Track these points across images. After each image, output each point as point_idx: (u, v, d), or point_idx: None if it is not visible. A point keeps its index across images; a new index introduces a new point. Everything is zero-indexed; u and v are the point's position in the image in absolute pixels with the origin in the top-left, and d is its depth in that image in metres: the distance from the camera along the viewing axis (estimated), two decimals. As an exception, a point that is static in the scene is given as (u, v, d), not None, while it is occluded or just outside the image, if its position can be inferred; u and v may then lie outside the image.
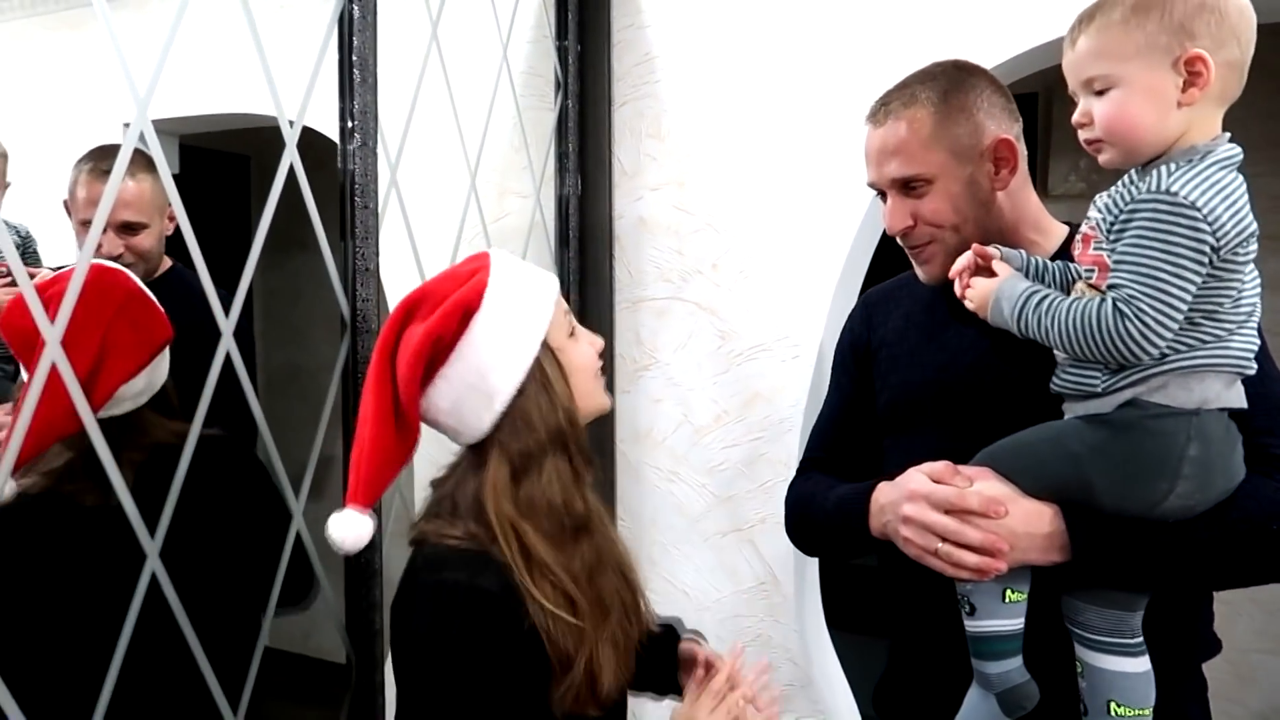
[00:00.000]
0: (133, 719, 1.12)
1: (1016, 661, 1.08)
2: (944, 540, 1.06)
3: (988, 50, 1.71)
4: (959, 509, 1.06)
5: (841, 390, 1.41)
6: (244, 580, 1.41)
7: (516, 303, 1.08)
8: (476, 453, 1.08)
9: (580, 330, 1.16)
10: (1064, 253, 1.19)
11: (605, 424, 2.08)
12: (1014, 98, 1.26)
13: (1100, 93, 1.00)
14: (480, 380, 1.04)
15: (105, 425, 1.14)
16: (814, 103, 1.86)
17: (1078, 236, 1.07)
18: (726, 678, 1.13)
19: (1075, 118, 1.04)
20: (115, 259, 1.84)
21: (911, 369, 1.27)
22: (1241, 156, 0.99)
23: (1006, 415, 1.11)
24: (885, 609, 1.34)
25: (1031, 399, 1.10)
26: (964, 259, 1.14)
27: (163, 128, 2.41)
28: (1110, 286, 0.98)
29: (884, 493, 1.16)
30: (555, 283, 1.15)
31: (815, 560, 2.02)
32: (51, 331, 0.94)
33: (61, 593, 1.28)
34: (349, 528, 1.00)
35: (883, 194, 1.24)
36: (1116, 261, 0.97)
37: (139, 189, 1.86)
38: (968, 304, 1.12)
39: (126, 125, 2.73)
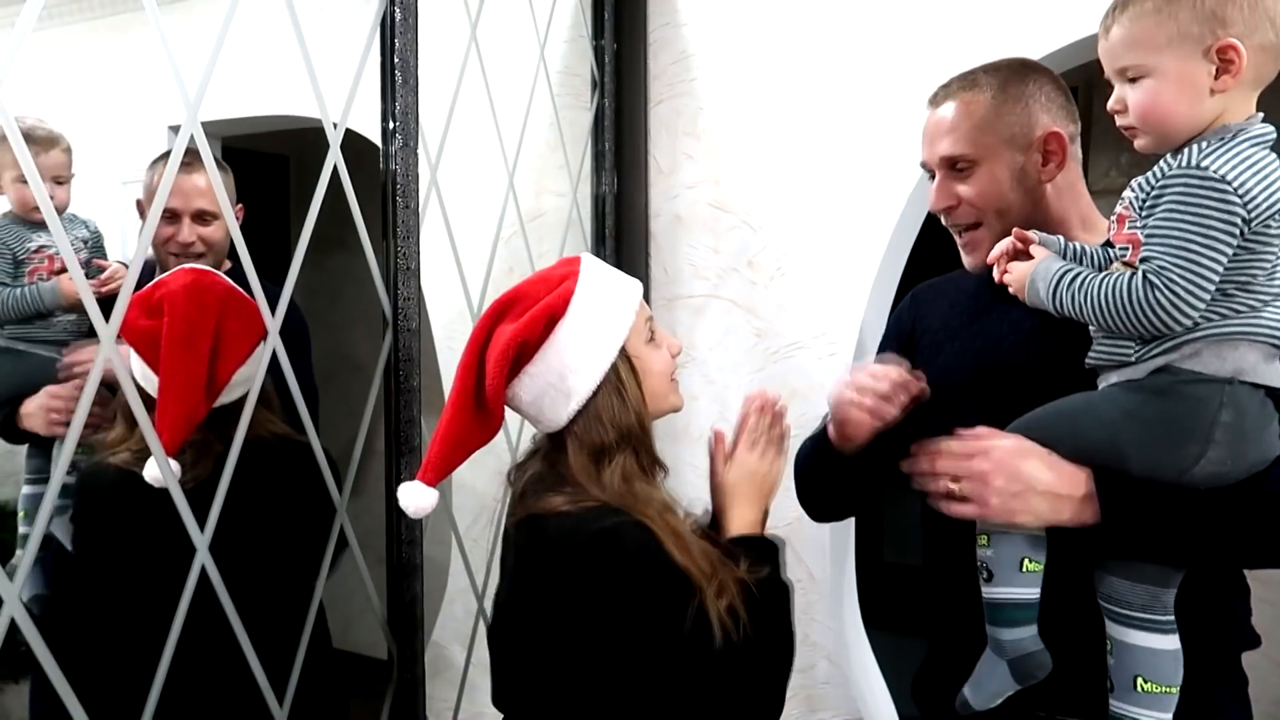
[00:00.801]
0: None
1: (1030, 630, 1.09)
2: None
3: (1028, 44, 1.69)
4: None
5: None
6: (298, 571, 1.44)
7: (598, 311, 1.15)
8: (554, 440, 1.17)
9: (660, 335, 1.23)
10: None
11: (641, 421, 2.09)
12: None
13: (1134, 80, 1.01)
14: (560, 381, 1.13)
15: (218, 413, 1.28)
16: (851, 100, 1.86)
17: (1112, 217, 1.08)
18: (758, 414, 1.24)
19: (1110, 105, 1.05)
20: (187, 246, 1.88)
21: (953, 353, 1.29)
22: (1275, 135, 1.00)
23: (1040, 397, 1.12)
24: (926, 601, 1.35)
25: (1071, 379, 1.11)
26: (1003, 243, 1.16)
27: (206, 130, 2.45)
28: (1142, 260, 0.99)
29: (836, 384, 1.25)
30: (639, 290, 1.22)
31: (852, 558, 2.02)
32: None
33: (162, 574, 1.30)
34: (413, 497, 1.11)
35: (932, 175, 1.27)
36: (1148, 236, 0.99)
37: (209, 180, 1.89)
38: (1009, 287, 1.14)
39: (171, 128, 2.78)
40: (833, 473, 1.32)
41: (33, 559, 0.95)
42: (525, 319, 1.12)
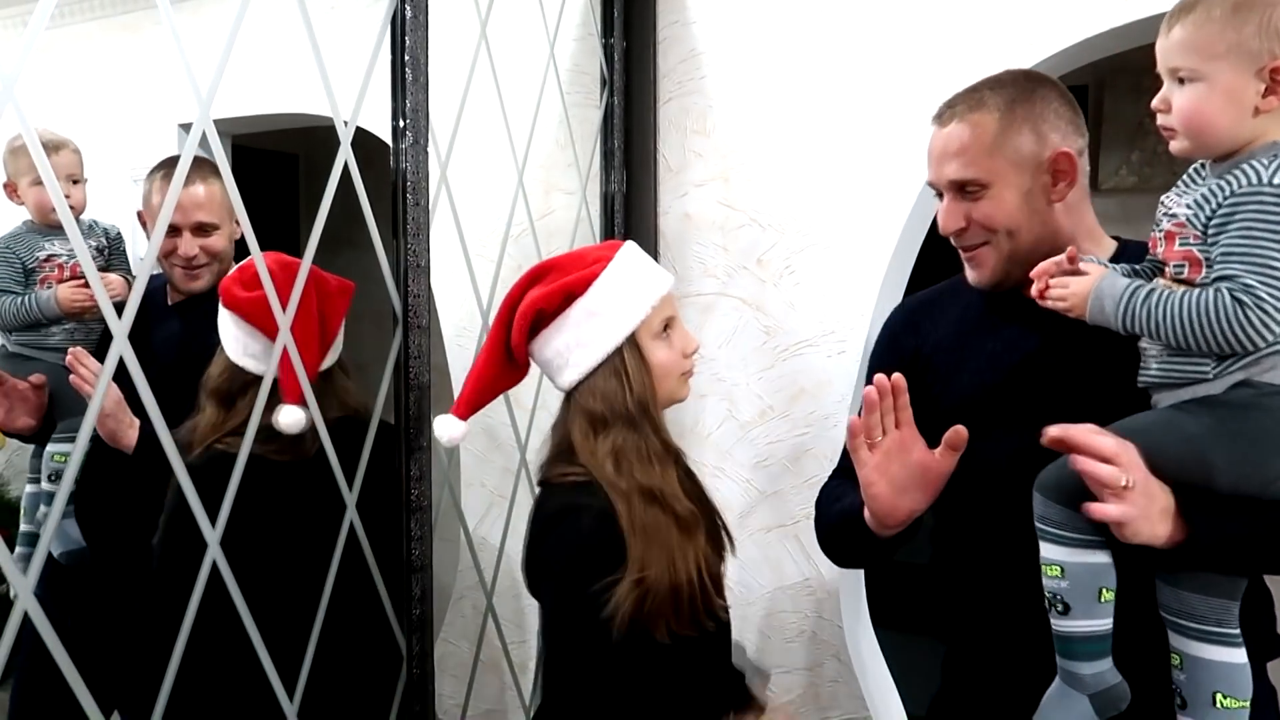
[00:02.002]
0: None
1: (1109, 661, 1.07)
2: None
3: (1038, 43, 1.69)
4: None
5: None
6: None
7: (615, 298, 1.27)
8: (566, 399, 1.32)
9: (678, 335, 1.32)
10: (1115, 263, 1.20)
11: (650, 419, 2.09)
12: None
13: (1183, 82, 1.02)
14: (566, 350, 1.27)
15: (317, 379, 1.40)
16: (860, 98, 1.86)
17: (1156, 234, 1.07)
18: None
19: (1155, 102, 1.05)
20: (190, 259, 1.89)
21: (975, 371, 1.28)
22: None
23: (1075, 414, 1.09)
24: (939, 615, 1.34)
25: (1089, 393, 1.11)
26: (1048, 263, 1.13)
27: (217, 127, 2.46)
28: (1221, 278, 0.98)
29: None
30: (664, 287, 1.31)
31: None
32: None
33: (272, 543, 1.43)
34: (445, 428, 1.30)
35: (940, 193, 1.26)
36: (1224, 254, 0.98)
37: (210, 191, 1.90)
38: (1051, 304, 1.11)
39: (182, 126, 2.79)
40: (873, 549, 1.29)
41: (44, 555, 0.96)
42: (548, 290, 1.27)
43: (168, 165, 2.00)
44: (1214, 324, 0.97)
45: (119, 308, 0.98)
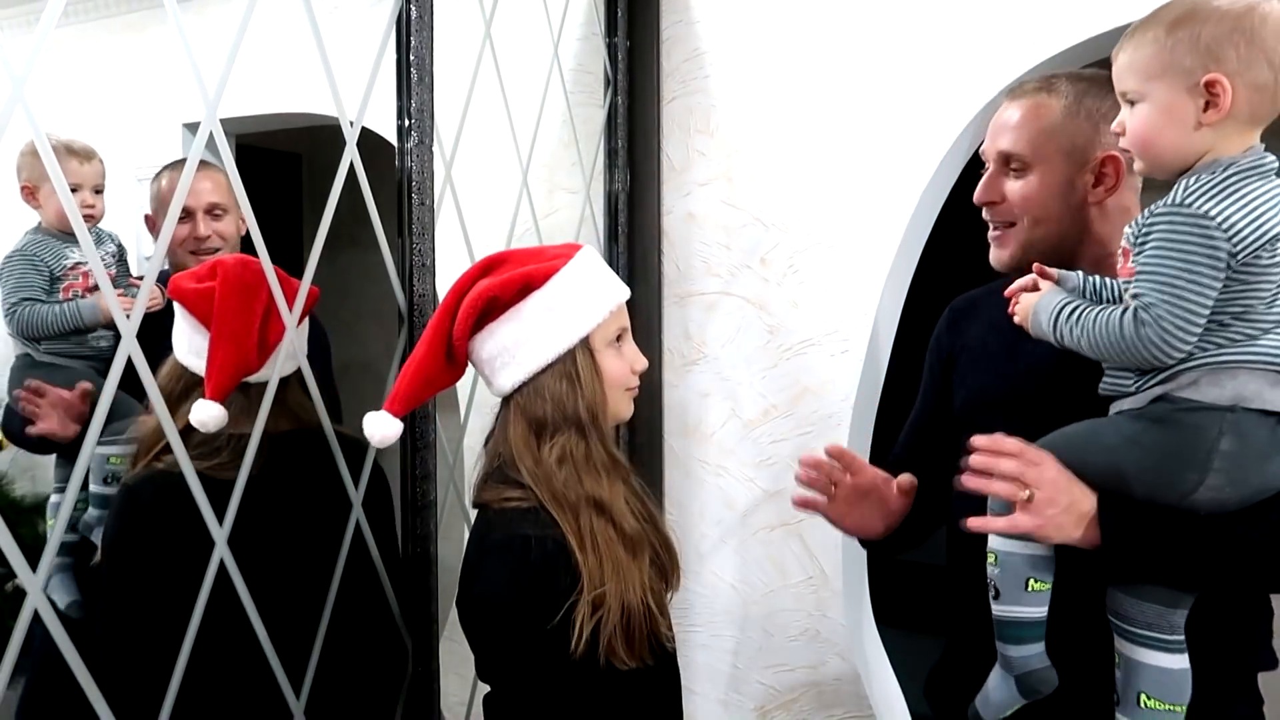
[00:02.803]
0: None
1: (1037, 648, 1.10)
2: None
3: (1027, 49, 1.69)
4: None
5: (925, 394, 1.47)
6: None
7: (572, 298, 1.19)
8: (503, 407, 1.23)
9: (629, 348, 1.25)
10: None
11: (654, 418, 2.10)
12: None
13: (1132, 104, 1.04)
14: (514, 346, 1.18)
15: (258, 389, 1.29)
16: (863, 98, 1.86)
17: (1119, 253, 1.09)
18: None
19: (1114, 126, 1.08)
20: (204, 240, 1.91)
21: (988, 373, 1.30)
22: (1276, 164, 1.01)
23: (1065, 417, 1.12)
24: (946, 600, 1.36)
25: (1092, 408, 1.12)
26: (1022, 280, 1.16)
27: (222, 127, 2.48)
28: (1133, 295, 1.01)
29: None
30: (622, 296, 1.24)
31: (864, 555, 2.02)
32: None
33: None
34: (378, 426, 1.19)
35: (985, 165, 1.29)
36: (1138, 272, 1.01)
37: (218, 179, 1.94)
38: (1014, 318, 1.14)
39: (186, 126, 2.79)
40: (877, 545, 1.44)
41: (54, 555, 0.96)
42: (504, 278, 1.18)
43: (174, 166, 2.03)
44: (1119, 341, 1.00)
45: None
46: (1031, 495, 1.04)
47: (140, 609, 1.26)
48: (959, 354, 1.37)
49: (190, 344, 1.34)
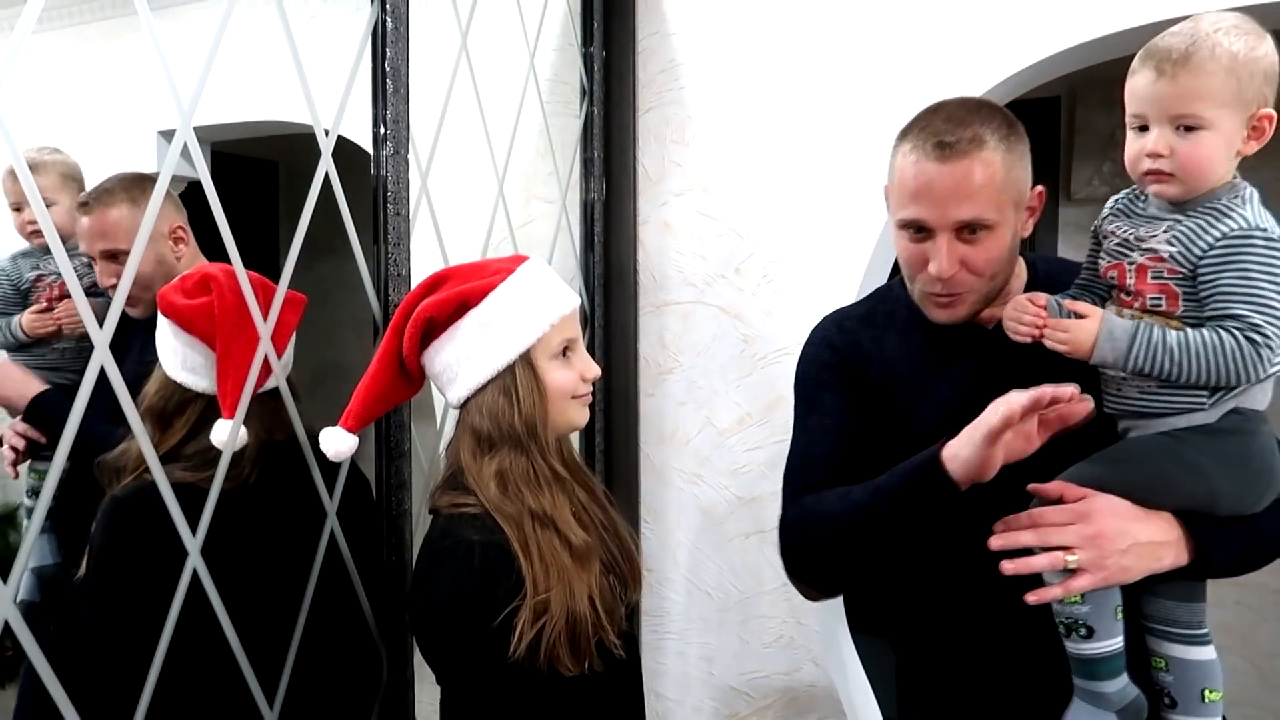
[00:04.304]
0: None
1: (1126, 675, 1.10)
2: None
3: (1014, 54, 1.72)
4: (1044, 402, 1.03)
5: (832, 412, 1.30)
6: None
7: (509, 313, 1.20)
8: (459, 414, 1.25)
9: (578, 357, 1.26)
10: (1032, 287, 1.23)
11: (629, 426, 2.11)
12: (1037, 101, 1.28)
13: (1188, 130, 1.04)
14: (455, 364, 1.21)
15: (262, 399, 1.33)
16: (836, 108, 1.88)
17: (1127, 265, 1.10)
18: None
19: (1153, 148, 1.04)
20: (110, 289, 1.86)
21: (936, 400, 1.24)
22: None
23: (1052, 440, 1.11)
24: (895, 623, 1.35)
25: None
26: (1024, 298, 1.15)
27: (196, 135, 2.47)
28: (1225, 317, 1.02)
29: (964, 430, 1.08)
30: (566, 306, 1.24)
31: (838, 562, 2.04)
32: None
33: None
34: (333, 441, 1.22)
35: (920, 231, 1.17)
36: (1225, 294, 1.02)
37: (117, 216, 1.83)
38: (1057, 347, 1.10)
39: (161, 133, 2.78)
40: (927, 515, 1.12)
41: (25, 566, 0.96)
42: (440, 298, 1.20)
43: (92, 194, 1.90)
44: (1230, 362, 1.01)
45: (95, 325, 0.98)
46: (1075, 562, 1.02)
47: (128, 621, 1.25)
48: (880, 379, 1.28)
49: (184, 360, 1.34)
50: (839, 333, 1.35)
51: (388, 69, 1.39)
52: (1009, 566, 1.04)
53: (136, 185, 1.86)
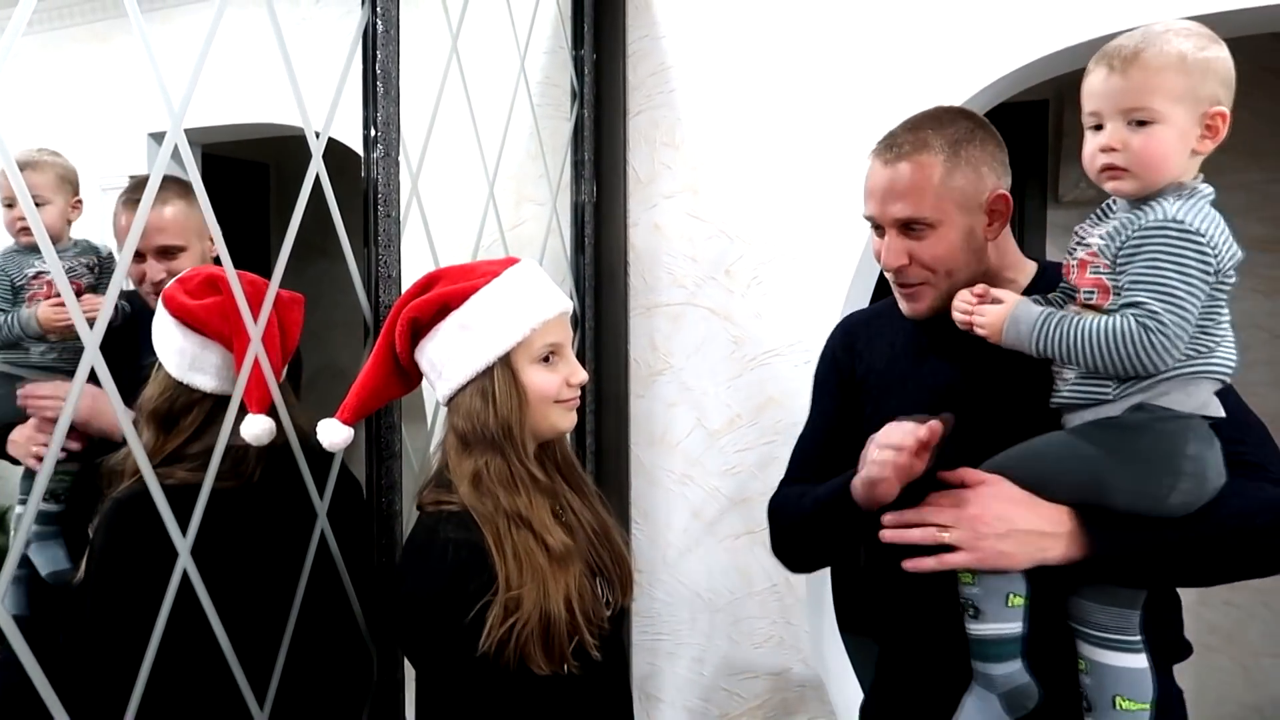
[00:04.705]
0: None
1: (1019, 663, 1.12)
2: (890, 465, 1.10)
3: (1002, 57, 1.73)
4: (905, 444, 1.09)
5: (824, 413, 1.44)
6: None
7: (491, 316, 1.21)
8: (446, 412, 1.28)
9: (563, 361, 1.26)
10: (1034, 288, 1.26)
11: (620, 428, 2.12)
12: (1025, 105, 1.30)
13: (1140, 125, 1.05)
14: (439, 363, 1.24)
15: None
16: (826, 111, 1.89)
17: (1071, 261, 1.13)
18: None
19: (1107, 142, 1.07)
20: (159, 285, 1.87)
21: (904, 395, 1.30)
22: (1214, 194, 1.08)
23: (996, 433, 1.16)
24: (874, 615, 1.37)
25: (1017, 418, 1.16)
26: (966, 291, 1.19)
27: (188, 137, 2.47)
28: (1129, 304, 1.03)
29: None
30: (550, 311, 1.25)
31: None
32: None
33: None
34: (329, 433, 1.25)
35: (878, 228, 1.28)
36: (1133, 282, 1.03)
37: (175, 213, 1.84)
38: (978, 330, 1.16)
39: (152, 135, 2.78)
40: (847, 530, 1.26)
41: (13, 569, 0.96)
42: (424, 299, 1.23)
43: (134, 189, 1.94)
44: (1122, 347, 1.02)
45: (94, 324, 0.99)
46: (946, 538, 1.09)
47: (127, 624, 1.24)
48: (865, 375, 1.37)
49: (194, 361, 1.35)
50: (841, 334, 1.46)
51: (378, 71, 1.39)
52: (888, 535, 1.14)
53: (179, 184, 1.86)
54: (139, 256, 1.85)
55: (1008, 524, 1.08)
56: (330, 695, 1.45)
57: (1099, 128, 1.08)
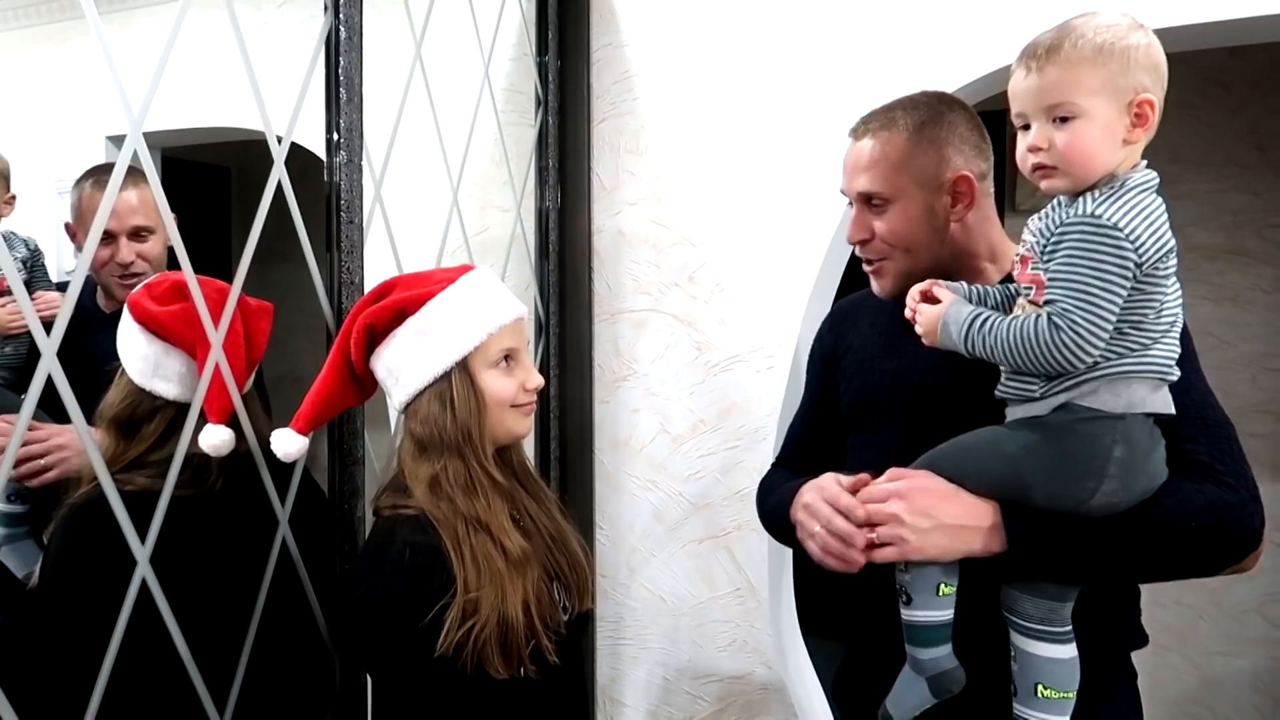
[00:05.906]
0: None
1: (946, 649, 1.16)
2: (821, 527, 1.17)
3: (959, 68, 1.77)
4: (844, 510, 1.15)
5: (810, 395, 1.52)
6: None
7: (448, 321, 1.22)
8: (403, 418, 1.28)
9: (519, 366, 1.28)
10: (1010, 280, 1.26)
11: (585, 433, 2.12)
12: (983, 114, 1.33)
13: (1063, 121, 1.06)
14: (396, 369, 1.24)
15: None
16: (787, 120, 1.92)
17: (1015, 257, 1.14)
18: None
19: (1033, 142, 1.08)
20: (128, 267, 1.85)
21: (871, 373, 1.35)
22: (1158, 180, 1.07)
23: (954, 418, 1.19)
24: (834, 609, 1.41)
25: (975, 404, 1.17)
26: (915, 291, 1.20)
27: (147, 140, 2.44)
28: (1046, 302, 1.05)
29: (803, 489, 1.24)
30: (506, 316, 1.26)
31: (790, 567, 2.07)
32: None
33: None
34: (283, 442, 1.24)
35: (851, 204, 1.33)
36: (1050, 279, 1.05)
37: (143, 196, 1.86)
38: (918, 329, 1.18)
39: (110, 138, 2.75)
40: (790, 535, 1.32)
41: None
42: (381, 306, 1.23)
43: (97, 172, 1.95)
44: (1034, 347, 1.04)
45: (50, 325, 0.97)
46: (874, 537, 1.13)
47: (80, 631, 1.23)
48: (844, 355, 1.43)
49: (157, 367, 1.34)
50: (831, 316, 1.53)
51: (341, 76, 1.39)
52: (816, 543, 1.18)
53: (142, 174, 1.84)
54: (109, 238, 1.83)
55: (932, 519, 1.11)
56: (292, 703, 1.45)
57: (1027, 127, 1.09)
